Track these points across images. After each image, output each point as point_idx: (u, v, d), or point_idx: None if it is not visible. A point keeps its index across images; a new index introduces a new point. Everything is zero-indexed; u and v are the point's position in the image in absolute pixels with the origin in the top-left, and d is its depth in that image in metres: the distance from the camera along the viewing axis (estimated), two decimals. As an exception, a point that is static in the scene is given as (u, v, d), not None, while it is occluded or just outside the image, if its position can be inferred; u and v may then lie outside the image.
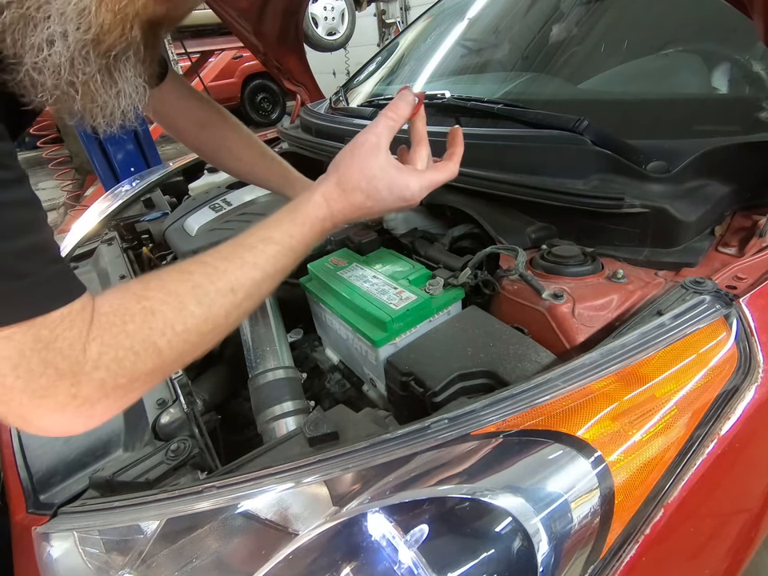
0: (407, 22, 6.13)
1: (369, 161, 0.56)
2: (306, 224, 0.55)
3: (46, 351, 0.37)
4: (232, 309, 0.48)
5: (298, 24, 1.65)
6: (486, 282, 0.72)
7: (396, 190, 0.57)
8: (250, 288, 0.49)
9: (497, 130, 0.93)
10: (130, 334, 0.41)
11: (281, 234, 0.53)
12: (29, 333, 0.36)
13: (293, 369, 0.74)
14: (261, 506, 0.44)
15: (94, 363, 0.39)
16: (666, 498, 0.47)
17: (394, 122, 0.58)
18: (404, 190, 0.57)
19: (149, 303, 0.43)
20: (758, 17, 0.63)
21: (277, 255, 0.52)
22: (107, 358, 0.40)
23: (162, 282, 0.45)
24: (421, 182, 0.59)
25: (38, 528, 0.52)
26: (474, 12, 1.51)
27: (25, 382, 0.36)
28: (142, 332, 0.41)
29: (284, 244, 0.52)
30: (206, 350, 0.48)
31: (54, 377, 0.37)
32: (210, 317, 0.46)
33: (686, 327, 0.54)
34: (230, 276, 0.48)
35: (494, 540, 0.40)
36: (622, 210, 0.71)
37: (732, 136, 0.79)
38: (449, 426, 0.46)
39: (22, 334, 0.35)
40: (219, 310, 0.47)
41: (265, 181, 1.00)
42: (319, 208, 0.56)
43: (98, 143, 2.91)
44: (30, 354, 0.36)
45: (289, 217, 0.55)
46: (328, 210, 0.56)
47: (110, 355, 0.40)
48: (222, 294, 0.47)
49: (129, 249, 1.21)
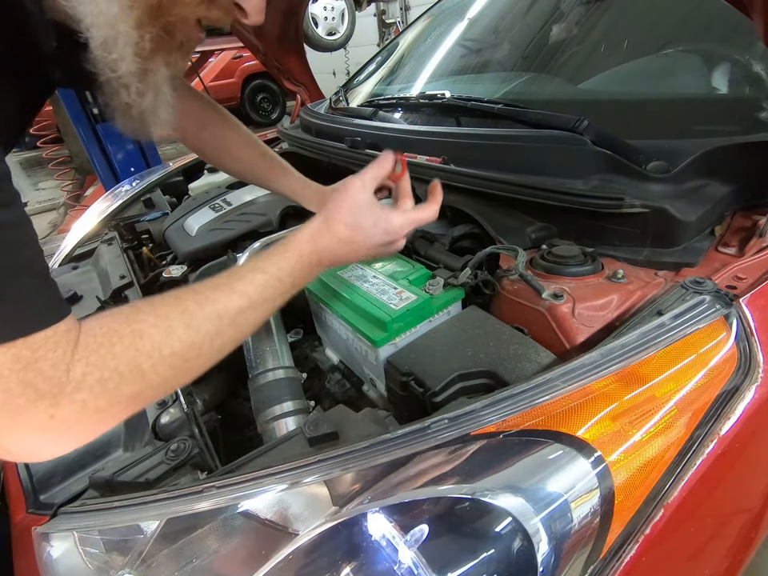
0: (407, 22, 6.13)
1: (355, 199, 0.60)
2: (294, 257, 0.57)
3: (25, 372, 0.37)
4: (216, 335, 0.49)
5: (298, 24, 1.65)
6: (485, 282, 0.72)
7: (380, 223, 0.60)
8: (236, 315, 0.50)
9: (497, 130, 0.93)
10: (117, 355, 0.41)
11: (269, 264, 0.55)
12: (8, 353, 0.36)
13: (293, 369, 0.74)
14: (261, 506, 0.44)
15: (77, 384, 0.39)
16: (666, 497, 0.47)
17: (378, 173, 0.62)
18: (387, 223, 0.60)
19: (138, 326, 0.43)
20: (758, 17, 0.63)
21: (264, 285, 0.53)
22: (91, 379, 0.40)
23: (154, 307, 0.46)
24: (403, 218, 0.62)
25: (38, 528, 0.52)
26: (474, 12, 1.51)
27: (2, 401, 0.36)
28: (128, 353, 0.42)
29: (272, 274, 0.54)
30: (186, 381, 0.49)
31: (33, 397, 0.37)
32: (197, 342, 0.47)
33: (686, 327, 0.54)
34: (218, 303, 0.49)
35: (494, 540, 0.40)
36: (622, 210, 0.71)
37: (732, 136, 0.79)
38: (449, 426, 0.46)
39: (2, 355, 0.36)
40: (205, 336, 0.47)
41: (265, 181, 1.00)
42: (306, 243, 0.58)
43: (98, 143, 2.91)
44: (9, 374, 0.36)
45: (279, 250, 0.57)
46: (314, 245, 0.58)
47: (94, 376, 0.40)
48: (209, 320, 0.48)
49: (129, 249, 1.21)
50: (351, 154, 1.13)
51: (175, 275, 0.97)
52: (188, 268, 1.00)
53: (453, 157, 0.94)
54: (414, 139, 1.04)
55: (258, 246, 0.91)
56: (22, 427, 0.38)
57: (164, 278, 0.97)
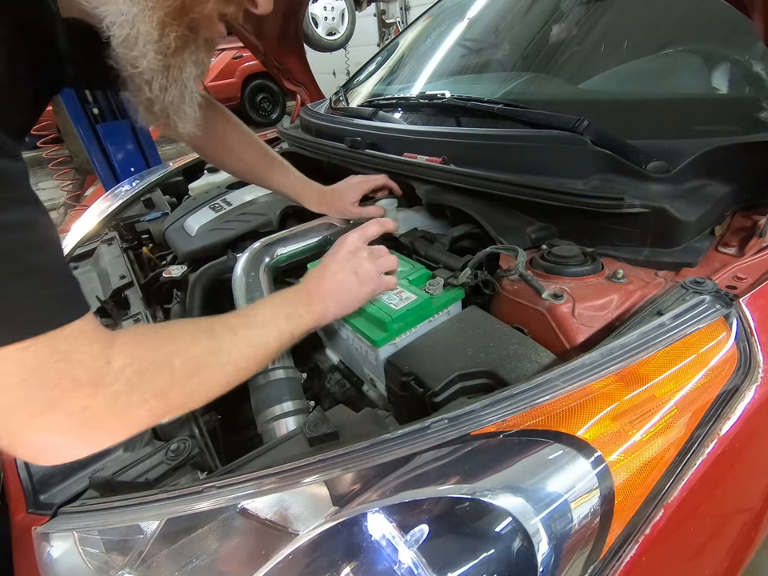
0: (407, 22, 6.13)
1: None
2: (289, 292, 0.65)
3: (63, 363, 0.38)
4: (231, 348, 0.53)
5: (298, 24, 1.65)
6: (486, 282, 0.72)
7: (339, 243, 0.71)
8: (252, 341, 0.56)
9: (497, 130, 0.93)
10: (151, 350, 0.45)
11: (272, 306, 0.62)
12: (44, 346, 0.37)
13: (293, 369, 0.74)
14: (261, 506, 0.44)
15: (116, 375, 0.41)
16: (666, 497, 0.47)
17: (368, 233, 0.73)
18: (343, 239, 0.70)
19: (166, 332, 0.49)
20: (758, 17, 0.63)
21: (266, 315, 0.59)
22: (129, 370, 0.42)
23: (178, 323, 0.53)
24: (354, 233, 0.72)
25: (38, 528, 0.52)
26: (474, 12, 1.51)
27: (36, 392, 0.37)
28: (161, 349, 0.46)
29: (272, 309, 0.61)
30: (202, 391, 0.51)
31: (71, 387, 0.38)
32: (214, 349, 0.51)
33: (686, 327, 0.54)
34: (233, 320, 0.56)
35: (494, 540, 0.40)
36: (622, 210, 0.71)
37: (732, 136, 0.79)
38: (449, 426, 0.46)
39: (38, 348, 0.37)
40: (222, 345, 0.52)
41: (265, 180, 1.00)
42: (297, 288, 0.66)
43: (98, 143, 2.91)
44: (46, 366, 0.37)
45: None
46: (304, 286, 0.66)
47: (132, 367, 0.43)
48: (229, 330, 0.54)
49: (129, 249, 1.21)
50: (351, 153, 1.13)
51: (175, 275, 0.97)
52: (188, 268, 1.00)
53: (453, 157, 0.94)
54: (414, 139, 1.04)
55: (258, 246, 0.92)
56: (53, 421, 0.39)
57: (164, 278, 0.97)
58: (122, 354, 0.42)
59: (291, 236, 0.95)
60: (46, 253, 0.39)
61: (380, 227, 0.75)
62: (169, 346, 0.47)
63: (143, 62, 0.51)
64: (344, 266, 0.67)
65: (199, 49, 0.56)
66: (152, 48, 0.51)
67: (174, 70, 0.54)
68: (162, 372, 0.45)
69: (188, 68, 0.56)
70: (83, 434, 0.41)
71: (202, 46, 0.56)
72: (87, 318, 0.41)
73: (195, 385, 0.49)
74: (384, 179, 1.01)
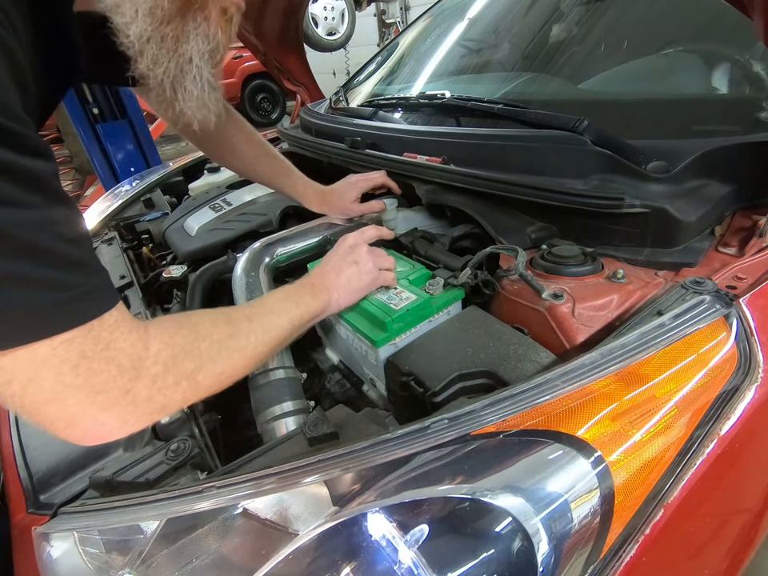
0: (407, 22, 6.13)
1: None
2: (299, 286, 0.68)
3: (107, 351, 0.41)
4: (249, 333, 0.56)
5: (298, 24, 1.65)
6: (486, 282, 0.72)
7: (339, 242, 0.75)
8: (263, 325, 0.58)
9: (497, 130, 0.93)
10: (184, 336, 0.48)
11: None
12: (89, 336, 0.39)
13: (293, 369, 0.74)
14: (261, 506, 0.44)
15: (155, 359, 0.44)
16: (666, 497, 0.47)
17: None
18: (344, 239, 0.74)
19: (189, 320, 0.51)
20: (758, 17, 0.63)
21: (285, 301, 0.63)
22: (165, 354, 0.45)
23: (198, 312, 0.55)
24: (355, 233, 0.76)
25: (38, 528, 0.52)
26: (474, 12, 1.51)
27: (84, 379, 0.39)
28: (189, 335, 0.49)
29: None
30: (223, 373, 0.53)
31: (115, 372, 0.41)
32: (234, 333, 0.54)
33: (686, 327, 0.54)
34: (246, 310, 0.59)
35: (494, 540, 0.40)
36: (622, 210, 0.71)
37: (732, 136, 0.79)
38: (449, 426, 0.46)
39: (83, 337, 0.39)
40: (242, 332, 0.55)
41: (267, 179, 1.01)
42: (302, 282, 0.69)
43: (98, 143, 2.91)
44: (92, 355, 0.39)
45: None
46: (308, 280, 0.69)
47: (167, 351, 0.45)
48: (244, 318, 0.56)
49: (129, 249, 1.21)
50: (351, 153, 1.13)
51: (175, 275, 0.97)
52: (188, 268, 1.00)
53: (453, 157, 0.94)
54: (414, 139, 1.04)
55: (258, 246, 0.91)
56: (100, 404, 0.41)
57: (164, 278, 0.97)
58: (157, 339, 0.45)
59: (291, 236, 0.95)
60: (82, 246, 0.40)
61: (378, 232, 0.80)
62: (194, 333, 0.49)
63: (133, 28, 0.47)
64: (344, 258, 0.71)
65: (209, 20, 0.51)
66: (142, 12, 0.46)
67: (169, 40, 0.50)
68: (192, 355, 0.48)
69: (191, 41, 0.51)
70: (126, 415, 0.43)
71: (212, 16, 0.51)
72: (119, 306, 0.43)
73: (220, 368, 0.51)
74: (383, 177, 1.01)
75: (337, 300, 0.68)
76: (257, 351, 0.56)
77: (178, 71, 0.54)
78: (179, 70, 0.53)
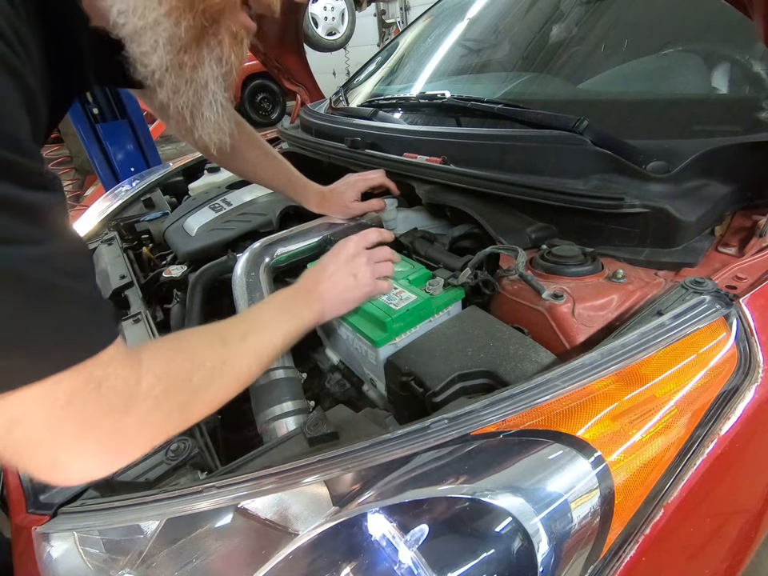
0: (407, 22, 6.13)
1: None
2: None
3: (98, 390, 0.38)
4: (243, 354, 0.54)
5: (298, 24, 1.65)
6: (485, 282, 0.72)
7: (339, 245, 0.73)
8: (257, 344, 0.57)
9: (497, 130, 0.93)
10: (173, 366, 0.46)
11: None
12: (81, 374, 0.37)
13: (293, 369, 0.74)
14: (261, 506, 0.44)
15: (146, 395, 0.42)
16: (666, 498, 0.47)
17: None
18: (345, 242, 0.73)
19: (183, 345, 0.50)
20: (758, 17, 0.63)
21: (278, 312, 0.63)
22: (157, 389, 0.43)
23: (192, 333, 0.53)
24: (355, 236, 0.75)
25: (38, 528, 0.52)
26: (474, 12, 1.51)
27: (73, 419, 0.38)
28: (183, 365, 0.47)
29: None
30: (215, 398, 0.52)
31: (106, 410, 0.39)
32: (229, 358, 0.52)
33: (686, 327, 0.54)
34: (242, 326, 0.57)
35: (494, 540, 0.40)
36: (622, 210, 0.71)
37: (732, 136, 0.79)
38: (449, 426, 0.46)
39: (75, 376, 0.37)
40: (235, 354, 0.53)
41: (267, 180, 1.01)
42: (296, 288, 0.68)
43: (98, 143, 2.91)
44: (83, 395, 0.37)
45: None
46: (302, 287, 0.68)
47: (160, 386, 0.44)
48: (238, 339, 0.55)
49: (129, 249, 1.21)
50: (351, 154, 1.13)
51: (175, 275, 0.97)
52: (188, 268, 1.00)
53: (453, 157, 0.94)
54: (414, 139, 1.04)
55: (258, 246, 0.91)
56: (90, 442, 0.39)
57: (164, 278, 0.97)
58: (150, 373, 0.43)
59: (291, 236, 0.95)
60: (81, 281, 0.38)
61: (379, 235, 0.78)
62: (188, 361, 0.48)
63: (153, 58, 0.47)
64: (342, 268, 0.69)
65: (222, 44, 0.51)
66: (162, 42, 0.46)
67: (187, 69, 0.50)
68: (185, 387, 0.47)
69: (207, 66, 0.51)
70: (115, 452, 0.42)
71: (225, 40, 0.51)
72: (117, 341, 0.41)
73: (212, 395, 0.50)
74: (381, 176, 1.01)
75: (330, 310, 0.68)
76: (250, 371, 0.55)
77: (196, 99, 0.53)
78: (197, 97, 0.53)
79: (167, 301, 1.06)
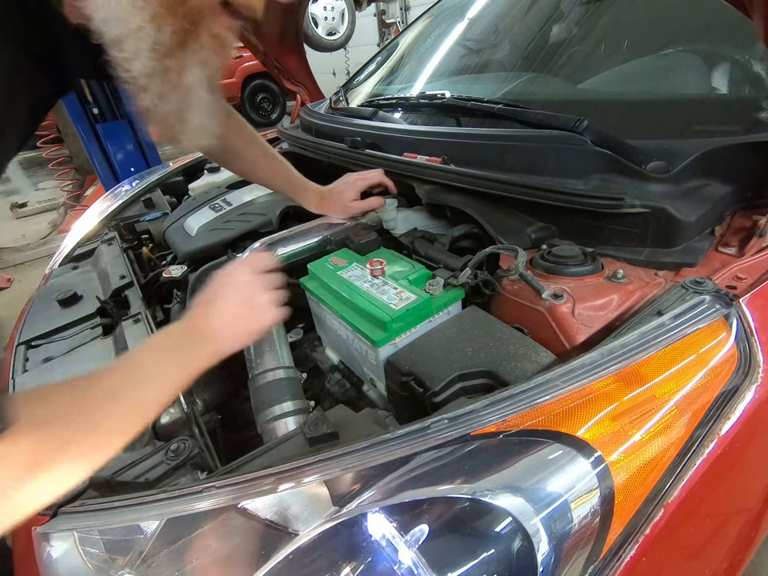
0: (407, 22, 6.13)
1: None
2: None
3: None
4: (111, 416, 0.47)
5: (298, 24, 1.65)
6: (485, 282, 0.72)
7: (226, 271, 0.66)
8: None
9: (497, 130, 0.93)
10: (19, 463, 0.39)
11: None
12: None
13: (293, 369, 0.74)
14: (261, 506, 0.44)
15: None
16: (666, 497, 0.47)
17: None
18: (230, 268, 0.66)
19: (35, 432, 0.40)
20: (758, 17, 0.63)
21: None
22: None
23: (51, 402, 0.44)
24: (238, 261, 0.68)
25: (38, 528, 0.52)
26: (474, 12, 1.51)
27: None
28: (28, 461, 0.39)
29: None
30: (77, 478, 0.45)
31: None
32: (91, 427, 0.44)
33: (686, 327, 0.54)
34: (115, 379, 0.49)
35: (494, 540, 0.40)
36: (622, 210, 0.71)
37: (732, 136, 0.79)
38: (449, 426, 0.46)
39: None
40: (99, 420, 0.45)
41: (267, 180, 1.01)
42: (184, 326, 0.59)
43: (98, 143, 2.91)
44: None
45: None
46: (191, 323, 0.59)
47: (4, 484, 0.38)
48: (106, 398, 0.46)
49: (129, 249, 1.21)
50: (351, 153, 1.13)
51: (175, 275, 0.97)
52: (188, 268, 1.00)
53: (453, 157, 0.94)
54: (414, 139, 1.04)
55: (257, 246, 0.92)
56: None
57: (164, 278, 0.97)
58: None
59: (291, 236, 0.95)
60: None
61: (269, 260, 0.69)
62: (34, 455, 0.39)
63: (136, 64, 0.46)
64: (236, 299, 0.61)
65: (204, 47, 0.50)
66: (145, 47, 0.45)
67: (172, 74, 0.49)
68: (26, 486, 0.39)
69: (191, 71, 0.50)
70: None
71: (208, 43, 0.50)
72: None
73: (66, 481, 0.43)
74: (380, 176, 1.01)
75: (227, 348, 0.59)
76: (124, 432, 0.47)
77: (182, 104, 0.52)
78: (182, 102, 0.52)
79: (167, 301, 1.06)
